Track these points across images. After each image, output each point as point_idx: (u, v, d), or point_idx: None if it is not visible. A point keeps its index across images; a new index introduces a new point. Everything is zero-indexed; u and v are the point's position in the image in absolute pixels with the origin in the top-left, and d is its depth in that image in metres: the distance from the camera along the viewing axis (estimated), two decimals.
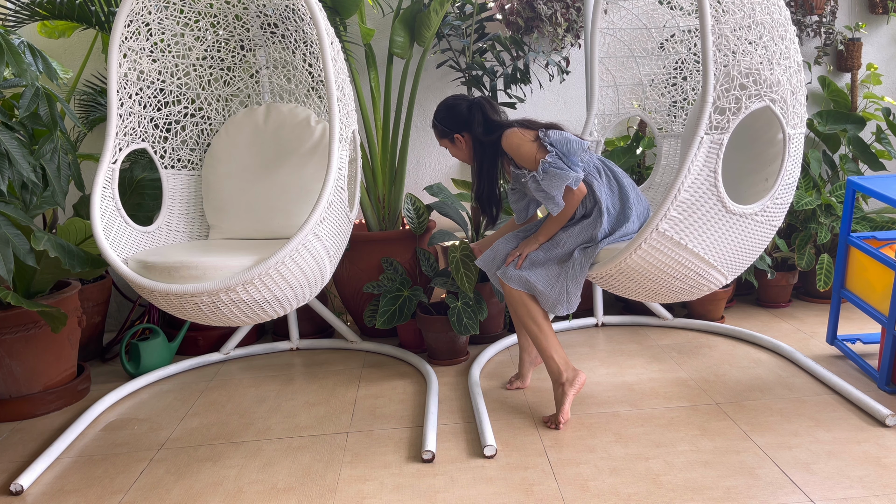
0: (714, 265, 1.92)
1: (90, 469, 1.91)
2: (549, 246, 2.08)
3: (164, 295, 1.87)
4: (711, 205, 1.83)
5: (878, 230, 2.78)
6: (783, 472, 1.68)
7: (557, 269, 2.04)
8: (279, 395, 2.34)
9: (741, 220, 1.89)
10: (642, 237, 1.83)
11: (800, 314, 2.89)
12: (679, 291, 2.00)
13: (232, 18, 2.43)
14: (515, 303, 2.07)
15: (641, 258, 1.86)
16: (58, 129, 2.11)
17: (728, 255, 1.93)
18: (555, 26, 2.96)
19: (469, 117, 2.09)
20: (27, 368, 2.28)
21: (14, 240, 1.91)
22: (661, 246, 1.84)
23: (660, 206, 1.80)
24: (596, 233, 2.02)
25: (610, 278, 1.98)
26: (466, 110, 2.10)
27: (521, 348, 2.29)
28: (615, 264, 1.90)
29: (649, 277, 1.93)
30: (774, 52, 1.88)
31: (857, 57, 3.13)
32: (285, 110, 2.45)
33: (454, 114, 2.12)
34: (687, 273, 1.92)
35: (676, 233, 1.83)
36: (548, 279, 2.03)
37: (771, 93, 1.87)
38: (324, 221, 1.98)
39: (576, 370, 2.03)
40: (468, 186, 3.15)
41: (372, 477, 1.77)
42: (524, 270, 2.05)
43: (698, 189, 1.81)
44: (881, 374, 2.12)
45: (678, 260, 1.88)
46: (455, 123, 2.12)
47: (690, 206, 1.81)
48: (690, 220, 1.83)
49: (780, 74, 1.88)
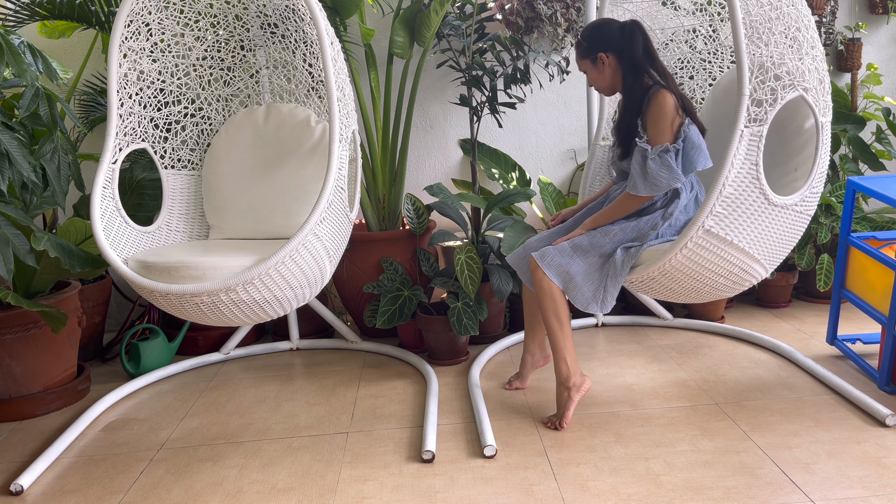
0: (758, 259, 1.91)
1: (90, 469, 1.91)
2: (597, 234, 1.99)
3: (164, 295, 1.87)
4: (755, 198, 1.82)
5: (878, 230, 2.78)
6: (783, 472, 1.68)
7: (600, 262, 1.96)
8: (279, 395, 2.34)
9: (782, 211, 1.89)
10: (688, 236, 1.80)
11: (800, 314, 2.89)
12: (722, 288, 1.98)
13: (232, 18, 2.43)
14: (544, 294, 1.96)
15: (686, 257, 1.85)
16: (58, 129, 2.11)
17: (770, 247, 1.93)
18: (555, 26, 2.96)
19: (622, 38, 1.95)
20: (27, 368, 2.28)
21: (14, 240, 1.91)
22: (706, 244, 1.83)
23: (704, 203, 1.79)
24: (650, 233, 1.95)
25: (651, 281, 1.94)
26: (618, 31, 1.96)
27: (526, 349, 2.27)
28: (658, 266, 1.87)
29: (693, 277, 1.90)
30: (802, 42, 1.89)
31: (857, 57, 3.13)
32: (285, 110, 2.45)
33: (602, 31, 1.98)
34: (731, 269, 1.91)
35: (721, 229, 1.82)
36: (588, 272, 1.95)
37: (803, 82, 1.87)
38: (324, 221, 1.98)
39: (583, 375, 2.01)
40: (468, 186, 3.15)
41: (372, 477, 1.77)
42: (564, 257, 1.96)
43: (741, 183, 1.80)
44: (881, 374, 2.12)
45: (723, 256, 1.86)
46: (601, 41, 1.97)
47: (734, 200, 1.80)
48: (734, 214, 1.82)
49: (809, 63, 1.89)
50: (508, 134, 3.22)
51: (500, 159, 3.13)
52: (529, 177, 3.17)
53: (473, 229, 2.81)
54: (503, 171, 3.11)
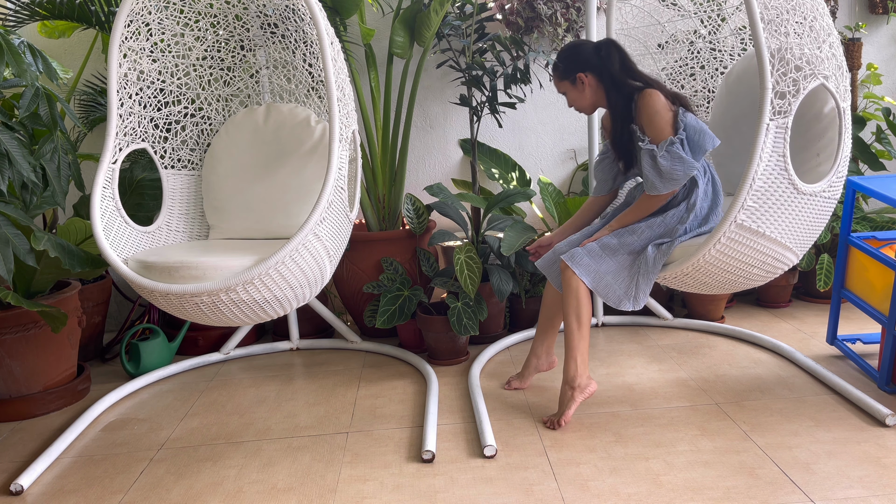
0: (790, 247, 1.93)
1: (90, 469, 1.91)
2: (624, 233, 2.00)
3: (164, 295, 1.87)
4: (784, 188, 1.84)
5: (878, 230, 2.78)
6: (783, 472, 1.68)
7: (629, 259, 1.97)
8: (279, 395, 2.34)
9: (811, 199, 1.90)
10: (721, 231, 1.82)
11: (800, 314, 2.89)
12: (755, 278, 2.00)
13: (232, 18, 2.43)
14: (570, 292, 1.97)
15: (720, 252, 1.86)
16: (58, 129, 2.11)
17: (801, 234, 1.94)
18: (555, 26, 2.96)
19: (598, 57, 1.99)
20: (27, 368, 2.28)
21: (14, 240, 1.91)
22: (739, 237, 1.84)
23: (735, 198, 1.80)
24: (678, 227, 1.96)
25: (685, 276, 1.96)
26: (594, 50, 2.00)
27: (533, 351, 2.26)
28: (692, 262, 1.88)
29: (727, 270, 1.92)
30: (819, 31, 1.90)
31: (857, 57, 3.13)
32: (285, 110, 2.45)
33: (578, 52, 2.02)
34: (765, 259, 1.93)
35: (753, 222, 1.83)
36: (618, 270, 1.96)
37: (824, 70, 1.88)
38: (324, 221, 1.98)
39: (590, 379, 2.01)
40: (468, 186, 3.15)
41: (372, 477, 1.77)
42: (594, 258, 1.97)
43: (770, 175, 1.81)
44: (881, 374, 2.12)
45: (756, 248, 1.88)
46: (579, 62, 2.01)
47: (765, 192, 1.82)
48: (765, 206, 1.83)
49: (827, 51, 1.91)
50: (508, 134, 3.22)
51: (500, 159, 3.13)
52: (529, 177, 3.17)
53: (473, 229, 2.81)
54: (503, 171, 3.11)
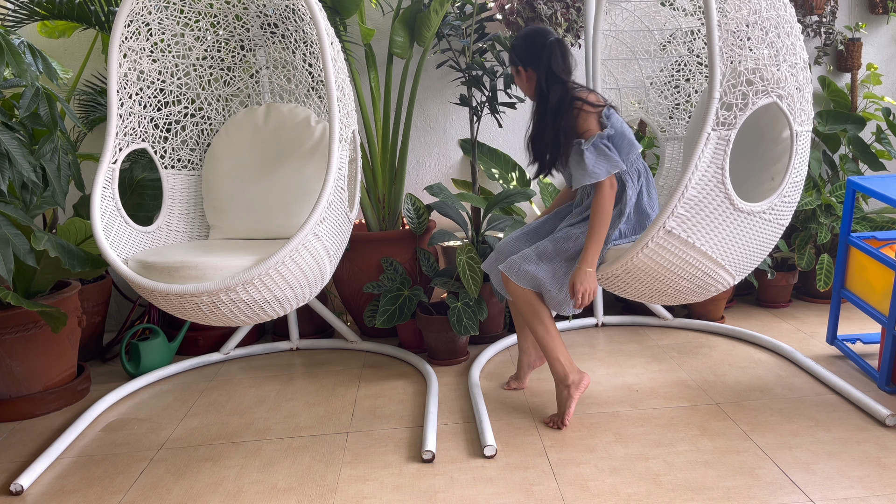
0: (722, 265, 1.91)
1: (90, 469, 1.91)
2: (561, 239, 2.01)
3: (164, 295, 1.87)
4: (719, 202, 1.82)
5: (878, 230, 2.78)
6: (783, 472, 1.68)
7: (565, 266, 1.99)
8: (279, 395, 2.34)
9: (749, 218, 1.88)
10: (649, 235, 1.81)
11: (800, 314, 2.89)
12: (686, 292, 1.98)
13: (232, 18, 2.43)
14: (521, 302, 2.01)
15: (648, 257, 1.85)
16: (58, 129, 2.11)
17: (736, 254, 1.92)
18: (555, 26, 2.96)
19: (543, 55, 1.97)
20: (27, 368, 2.28)
21: (14, 240, 1.91)
22: (668, 245, 1.83)
23: (666, 204, 1.79)
24: (611, 232, 1.97)
25: (616, 279, 1.96)
26: (540, 48, 1.97)
27: (521, 350, 2.27)
28: (621, 264, 1.88)
29: (656, 278, 1.91)
30: (781, 49, 1.88)
31: (857, 57, 3.13)
32: (285, 110, 2.45)
33: (527, 45, 1.99)
34: (695, 273, 1.91)
35: (684, 231, 1.82)
36: (556, 276, 1.98)
37: (778, 89, 1.86)
38: (324, 221, 1.98)
39: (580, 372, 2.02)
40: (468, 186, 3.15)
41: (372, 477, 1.77)
42: (530, 264, 1.98)
43: (706, 186, 1.79)
44: (881, 374, 2.12)
45: (686, 259, 1.87)
46: (524, 55, 2.00)
47: (698, 203, 1.80)
48: (698, 217, 1.81)
49: (786, 71, 1.88)
50: (508, 134, 3.22)
51: (500, 159, 3.13)
52: (529, 177, 3.17)
53: (473, 229, 2.81)
54: (503, 171, 3.11)
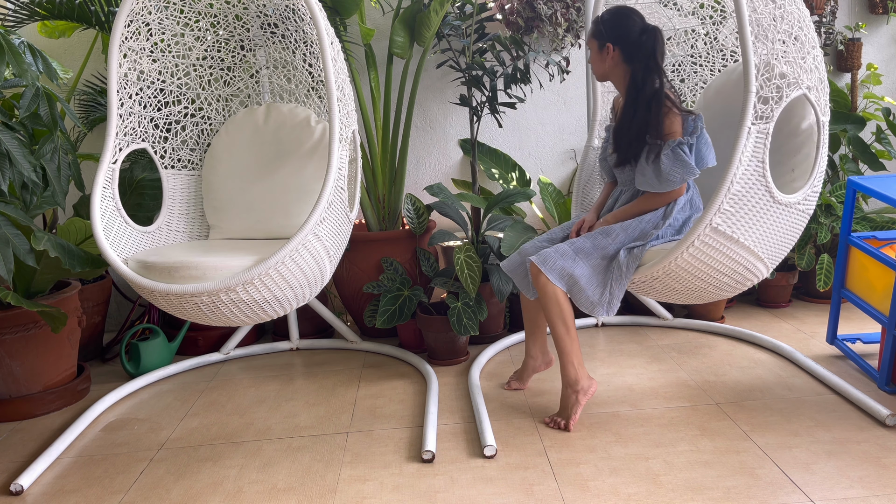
0: (761, 257, 1.92)
1: (90, 469, 1.91)
2: (600, 236, 1.95)
3: (164, 295, 1.87)
4: (760, 196, 1.82)
5: (879, 230, 2.78)
6: (783, 472, 1.68)
7: (603, 263, 1.93)
8: (279, 395, 2.34)
9: (786, 210, 1.89)
10: (695, 234, 1.80)
11: (800, 314, 2.89)
12: (725, 288, 1.98)
13: (232, 18, 2.43)
14: (548, 299, 1.92)
15: (692, 256, 1.84)
16: (58, 129, 2.11)
17: (773, 246, 1.93)
18: (555, 26, 2.96)
19: (638, 39, 1.91)
20: (27, 368, 2.28)
21: (14, 240, 1.91)
22: (712, 242, 1.82)
23: (712, 201, 1.78)
24: (652, 231, 1.94)
25: (654, 281, 1.93)
26: (639, 30, 1.92)
27: (528, 353, 2.25)
28: (664, 265, 1.86)
29: (697, 276, 1.90)
30: (804, 42, 1.90)
31: (857, 57, 3.13)
32: (285, 110, 2.45)
33: (623, 23, 1.93)
34: (736, 268, 1.91)
35: (728, 227, 1.82)
36: (592, 275, 1.92)
37: (807, 80, 1.88)
38: (324, 221, 1.98)
39: (590, 379, 1.99)
40: (468, 186, 3.15)
41: (372, 477, 1.77)
42: (567, 260, 1.92)
43: (748, 180, 1.80)
44: (881, 374, 2.12)
45: (728, 255, 1.86)
46: (616, 33, 1.93)
47: (741, 198, 1.80)
48: (742, 212, 1.82)
49: (811, 62, 1.91)
50: (508, 134, 3.22)
51: (500, 159, 3.13)
52: (529, 177, 3.17)
53: (473, 229, 2.81)
54: (503, 171, 3.11)
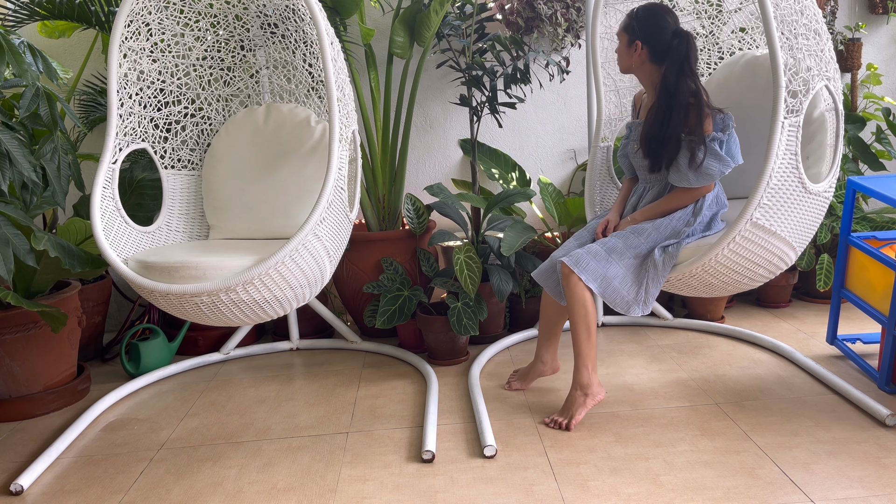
0: (793, 245, 1.95)
1: (90, 469, 1.91)
2: (631, 235, 1.94)
3: (164, 295, 1.87)
4: (794, 187, 1.86)
5: (879, 230, 2.78)
6: (783, 472, 1.68)
7: (636, 262, 1.93)
8: (279, 395, 2.35)
9: (815, 198, 1.93)
10: (736, 230, 1.82)
11: (800, 314, 2.89)
12: (758, 278, 2.00)
13: (232, 18, 2.43)
14: (576, 301, 1.90)
15: (732, 251, 1.86)
16: (58, 129, 2.11)
17: (803, 233, 1.96)
18: (555, 26, 2.96)
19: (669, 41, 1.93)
20: (27, 368, 2.28)
21: (14, 240, 1.91)
22: (752, 236, 1.85)
23: (752, 196, 1.80)
24: (685, 229, 1.93)
25: (691, 278, 1.94)
26: (672, 33, 1.93)
27: (538, 357, 2.24)
28: (702, 263, 1.87)
29: (735, 270, 1.92)
30: (822, 34, 1.93)
31: (857, 57, 3.13)
32: (285, 110, 2.45)
33: (656, 22, 1.94)
34: (771, 258, 1.93)
35: (767, 220, 1.84)
36: (626, 274, 1.91)
37: (827, 72, 1.91)
38: (324, 221, 1.98)
39: (601, 386, 1.99)
40: (468, 186, 3.15)
41: (372, 477, 1.77)
42: (600, 261, 1.91)
43: (784, 173, 1.83)
44: (881, 374, 2.12)
45: (765, 247, 1.89)
46: (648, 31, 1.94)
47: (778, 191, 1.83)
48: (778, 205, 1.84)
49: (828, 54, 1.94)
50: (508, 134, 3.22)
51: (500, 159, 3.13)
52: (529, 177, 3.17)
53: (473, 229, 2.81)
54: (503, 171, 3.11)
